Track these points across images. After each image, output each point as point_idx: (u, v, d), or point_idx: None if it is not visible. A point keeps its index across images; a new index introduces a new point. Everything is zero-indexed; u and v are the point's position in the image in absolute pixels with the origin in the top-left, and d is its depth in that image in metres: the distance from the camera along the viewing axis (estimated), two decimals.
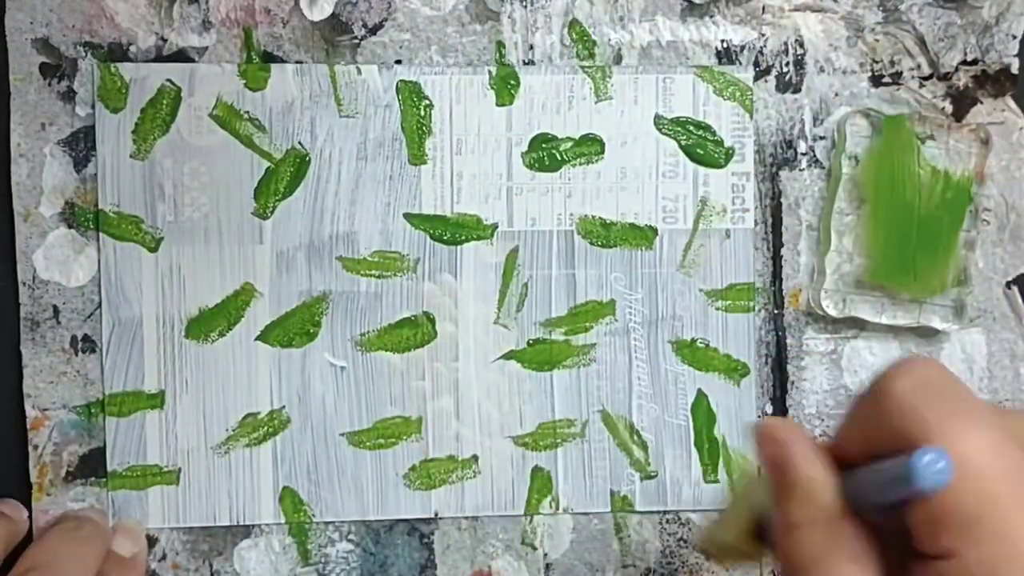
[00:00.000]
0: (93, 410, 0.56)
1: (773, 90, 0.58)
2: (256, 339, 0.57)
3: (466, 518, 0.58)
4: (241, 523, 0.57)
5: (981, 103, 0.59)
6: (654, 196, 0.58)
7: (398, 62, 0.57)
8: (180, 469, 0.57)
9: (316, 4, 0.56)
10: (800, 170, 0.59)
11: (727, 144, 0.58)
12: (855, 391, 0.59)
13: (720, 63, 0.58)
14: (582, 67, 0.57)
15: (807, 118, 0.59)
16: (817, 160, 0.59)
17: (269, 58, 0.56)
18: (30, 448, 0.56)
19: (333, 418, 0.57)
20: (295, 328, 0.57)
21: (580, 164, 0.57)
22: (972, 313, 0.59)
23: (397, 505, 0.57)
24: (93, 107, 0.56)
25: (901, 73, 0.59)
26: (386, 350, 0.57)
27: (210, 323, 0.56)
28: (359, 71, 0.57)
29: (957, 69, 0.59)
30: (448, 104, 0.57)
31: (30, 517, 0.56)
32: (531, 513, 0.58)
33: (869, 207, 0.58)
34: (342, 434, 0.57)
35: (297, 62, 0.56)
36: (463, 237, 0.57)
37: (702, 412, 0.58)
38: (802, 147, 0.59)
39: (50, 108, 0.55)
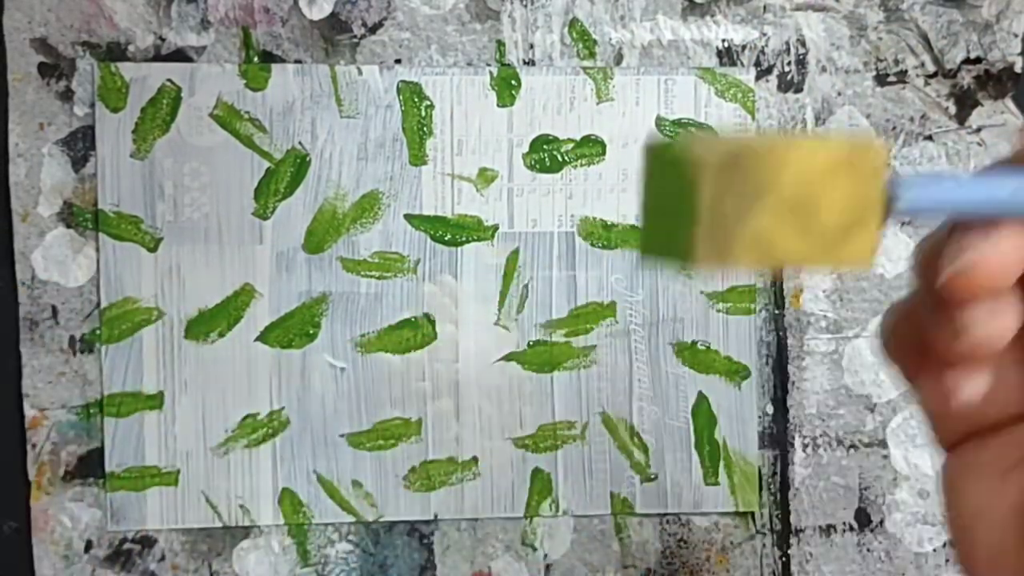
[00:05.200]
0: (91, 410, 0.56)
1: (775, 89, 0.58)
2: (256, 340, 0.56)
3: (466, 519, 0.58)
4: (240, 524, 0.57)
5: (982, 105, 0.59)
6: None
7: (398, 61, 0.57)
8: (179, 470, 0.56)
9: (315, 3, 0.56)
10: None
11: None
12: (856, 390, 0.59)
13: (721, 63, 0.58)
14: (583, 68, 0.57)
15: (809, 118, 0.58)
16: None
17: (268, 57, 0.56)
18: (28, 447, 0.56)
19: (333, 419, 0.57)
20: (295, 329, 0.57)
21: (581, 165, 0.57)
22: None
23: (396, 507, 0.57)
24: (92, 107, 0.55)
25: (906, 71, 0.59)
26: (386, 351, 0.57)
27: (210, 324, 0.56)
28: (360, 71, 0.56)
29: (960, 67, 0.59)
30: (449, 105, 0.57)
31: (29, 511, 0.56)
32: (531, 515, 0.58)
33: None
34: (342, 435, 0.57)
35: (296, 61, 0.56)
36: (464, 238, 0.57)
37: (703, 414, 0.58)
38: None
39: (48, 108, 0.55)
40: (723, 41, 0.58)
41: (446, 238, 0.57)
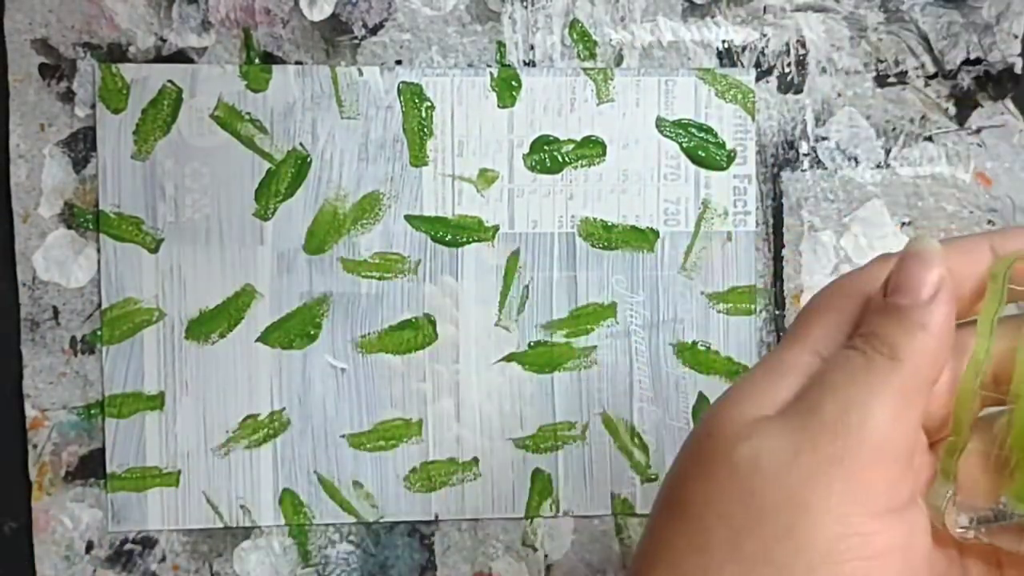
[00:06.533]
0: (92, 411, 0.56)
1: (775, 91, 0.58)
2: (256, 340, 0.57)
3: (466, 520, 0.58)
4: (241, 525, 0.57)
5: (982, 106, 0.59)
6: (656, 198, 0.57)
7: (398, 62, 0.57)
8: (180, 471, 0.56)
9: (316, 4, 0.56)
10: (802, 171, 0.58)
11: (729, 147, 0.58)
12: None
13: (721, 64, 0.58)
14: (584, 69, 0.57)
15: (809, 119, 0.58)
16: (819, 161, 0.58)
17: (269, 58, 0.56)
18: (29, 447, 0.56)
19: (333, 420, 0.57)
20: (295, 330, 0.57)
21: (582, 166, 0.57)
22: None
23: (397, 507, 0.57)
24: (93, 108, 0.55)
25: (906, 72, 0.59)
26: (387, 352, 0.57)
27: (210, 324, 0.56)
28: (360, 72, 0.56)
29: (960, 68, 0.59)
30: (450, 106, 0.57)
31: (30, 511, 0.56)
32: (532, 516, 0.58)
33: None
34: (342, 436, 0.57)
35: (297, 62, 0.56)
36: (464, 239, 0.57)
37: None
38: (804, 148, 0.58)
39: (49, 109, 0.55)
40: (723, 42, 0.58)
41: (447, 239, 0.57)
